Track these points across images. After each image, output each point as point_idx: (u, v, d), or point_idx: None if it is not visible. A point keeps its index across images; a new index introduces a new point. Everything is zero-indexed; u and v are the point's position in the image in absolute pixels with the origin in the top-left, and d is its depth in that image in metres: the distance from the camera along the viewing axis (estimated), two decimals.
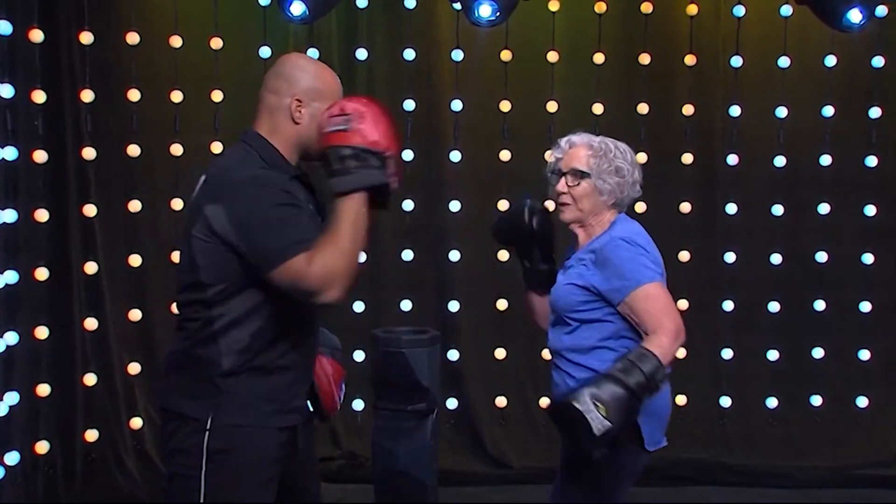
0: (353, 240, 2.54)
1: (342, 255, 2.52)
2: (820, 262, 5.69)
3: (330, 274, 2.51)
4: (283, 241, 2.51)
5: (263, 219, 2.54)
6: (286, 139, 2.73)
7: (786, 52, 5.52)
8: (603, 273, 3.04)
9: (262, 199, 2.55)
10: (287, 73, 2.74)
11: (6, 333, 4.65)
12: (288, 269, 2.50)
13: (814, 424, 5.75)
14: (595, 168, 3.14)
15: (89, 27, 5.09)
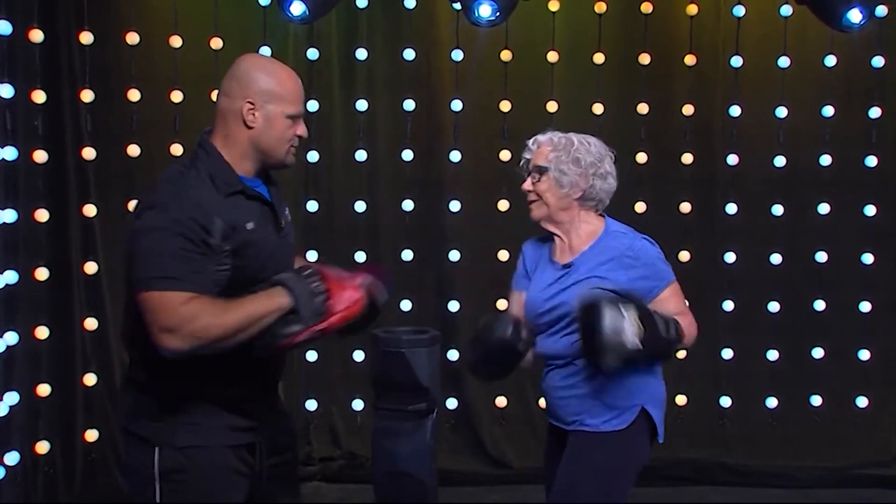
0: (242, 324, 2.45)
1: (221, 324, 2.42)
2: (820, 262, 5.69)
3: (193, 326, 2.40)
4: (159, 269, 2.41)
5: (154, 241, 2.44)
6: (240, 145, 2.62)
7: (786, 52, 5.52)
8: (633, 273, 3.11)
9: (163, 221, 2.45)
10: (240, 75, 2.62)
11: (6, 333, 4.65)
12: (156, 297, 2.41)
13: (814, 424, 5.75)
14: (554, 161, 3.19)
15: (89, 27, 5.09)
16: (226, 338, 2.44)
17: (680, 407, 5.68)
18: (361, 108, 5.57)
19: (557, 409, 3.25)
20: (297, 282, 2.52)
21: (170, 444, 2.58)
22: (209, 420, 2.62)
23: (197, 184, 2.55)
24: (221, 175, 2.59)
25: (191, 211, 2.47)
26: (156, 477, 2.58)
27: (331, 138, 5.70)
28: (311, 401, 5.68)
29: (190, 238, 2.44)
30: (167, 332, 2.40)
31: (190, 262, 2.44)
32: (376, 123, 5.69)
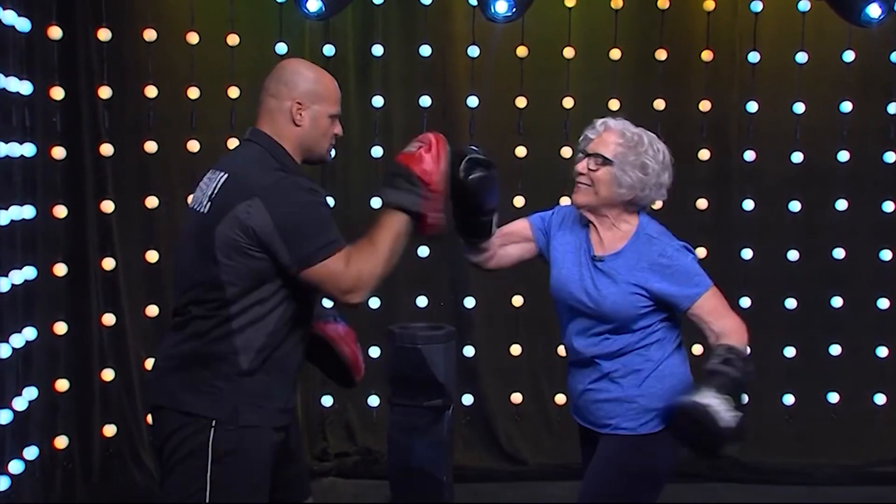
0: (390, 249, 2.68)
1: (378, 261, 2.65)
2: (837, 259, 5.66)
3: (363, 276, 2.63)
4: (324, 239, 2.61)
5: (307, 218, 2.63)
6: (287, 142, 2.81)
7: (803, 48, 5.50)
8: (669, 280, 3.05)
9: (304, 198, 2.64)
10: (287, 78, 2.82)
11: (24, 329, 4.67)
12: (324, 266, 2.61)
13: (830, 421, 5.73)
14: (620, 157, 3.06)
15: (107, 24, 5.10)
16: (388, 268, 2.69)
17: None
18: (377, 105, 5.58)
19: (588, 412, 3.19)
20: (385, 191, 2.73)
21: (226, 421, 2.64)
22: (269, 401, 2.70)
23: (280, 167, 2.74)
24: (289, 163, 2.78)
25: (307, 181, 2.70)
26: (209, 455, 2.62)
27: (347, 134, 5.58)
28: (326, 396, 5.70)
29: (323, 203, 2.70)
30: (348, 293, 2.63)
31: (332, 223, 2.67)
32: (392, 120, 5.70)
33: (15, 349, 4.51)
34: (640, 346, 3.10)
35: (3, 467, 4.40)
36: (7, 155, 4.50)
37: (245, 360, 2.66)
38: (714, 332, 3.08)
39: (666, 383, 3.08)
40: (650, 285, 3.04)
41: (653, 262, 3.06)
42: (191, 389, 2.67)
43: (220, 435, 2.63)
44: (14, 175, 4.62)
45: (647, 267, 3.05)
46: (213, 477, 2.62)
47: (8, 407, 4.44)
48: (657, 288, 3.04)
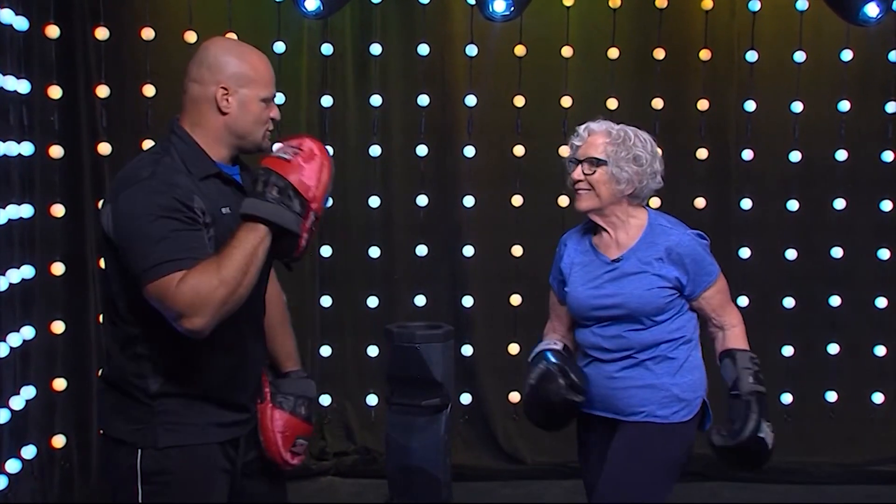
0: (239, 269, 2.33)
1: (220, 282, 2.31)
2: (835, 258, 5.67)
3: (198, 299, 2.29)
4: (155, 257, 2.32)
5: (139, 230, 2.35)
6: (212, 131, 2.56)
7: (801, 47, 5.50)
8: (683, 269, 3.13)
9: (142, 208, 2.37)
10: (210, 61, 2.55)
11: (22, 328, 4.67)
12: (156, 286, 2.32)
13: (828, 420, 5.73)
14: (612, 155, 3.13)
15: (105, 23, 5.10)
16: (234, 290, 2.33)
17: None
18: (375, 104, 5.58)
19: (615, 399, 3.20)
20: (258, 204, 2.38)
21: (151, 445, 2.51)
22: (193, 418, 2.54)
23: (172, 168, 2.48)
24: (195, 159, 2.54)
25: (171, 191, 2.40)
26: (138, 478, 2.51)
27: (345, 133, 5.71)
28: (324, 396, 5.70)
29: (175, 217, 2.37)
30: (182, 317, 2.31)
31: (174, 240, 2.35)
32: (390, 118, 5.70)
33: (13, 348, 4.51)
34: (671, 338, 3.17)
35: (1, 466, 4.40)
36: (5, 154, 4.50)
37: (154, 383, 2.51)
38: (717, 324, 3.25)
39: (696, 374, 3.22)
40: (667, 274, 3.12)
41: (669, 250, 3.13)
42: (115, 413, 2.56)
43: (145, 458, 2.51)
44: (12, 174, 4.62)
45: (663, 256, 3.13)
46: (145, 497, 2.51)
47: (6, 406, 4.44)
48: (674, 275, 3.12)
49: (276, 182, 2.39)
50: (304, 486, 5.47)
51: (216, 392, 2.59)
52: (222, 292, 2.31)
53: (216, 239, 2.46)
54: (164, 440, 2.52)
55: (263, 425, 2.73)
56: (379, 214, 5.67)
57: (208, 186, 2.52)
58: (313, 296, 5.66)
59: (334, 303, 5.67)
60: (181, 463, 2.53)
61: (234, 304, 2.36)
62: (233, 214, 2.49)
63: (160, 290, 2.32)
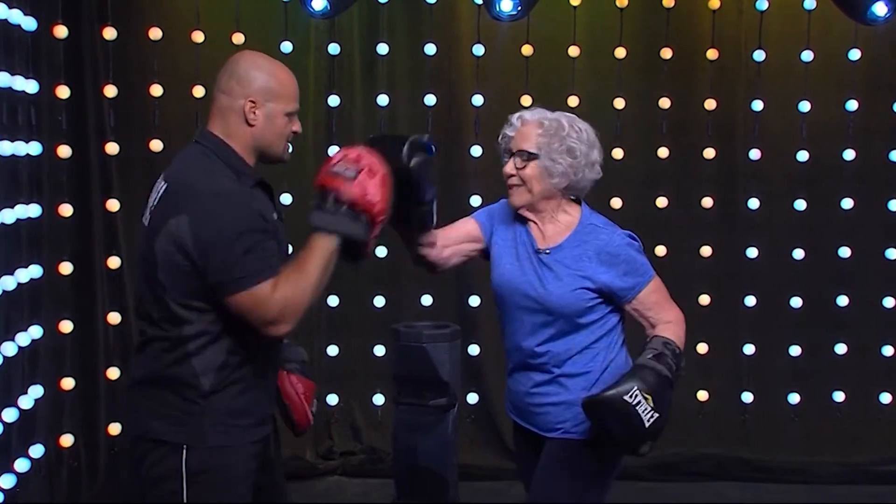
0: (319, 277, 2.53)
1: (305, 289, 2.50)
2: (842, 258, 5.65)
3: (289, 306, 2.48)
4: (247, 269, 2.45)
5: (229, 244, 2.45)
6: (242, 141, 2.66)
7: (809, 46, 5.48)
8: (614, 271, 2.98)
9: (230, 222, 2.47)
10: (240, 74, 2.64)
11: (30, 328, 4.69)
12: (248, 296, 2.46)
13: (835, 420, 5.72)
14: (545, 148, 2.97)
15: (112, 23, 5.11)
16: (315, 296, 2.54)
17: (701, 402, 5.67)
18: (382, 103, 5.58)
19: (533, 416, 3.13)
20: (327, 219, 2.53)
21: (199, 444, 2.57)
22: (239, 418, 2.61)
23: (228, 173, 2.60)
24: (240, 167, 2.64)
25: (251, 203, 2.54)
26: (183, 477, 2.56)
27: (352, 133, 5.70)
28: (331, 395, 5.70)
29: (255, 229, 2.50)
30: (272, 325, 2.48)
31: (262, 251, 2.49)
32: (397, 118, 5.69)
33: (21, 347, 4.53)
34: (587, 347, 3.04)
35: (10, 465, 4.41)
36: (13, 154, 4.51)
37: (206, 381, 2.57)
38: (652, 324, 3.03)
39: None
40: (595, 276, 2.98)
41: (599, 251, 2.98)
42: (157, 416, 2.59)
43: (192, 457, 2.56)
44: (20, 174, 4.64)
45: (593, 257, 2.98)
46: (189, 498, 2.56)
47: (14, 405, 4.46)
48: (602, 279, 2.98)
49: (343, 199, 2.53)
50: (311, 486, 5.48)
51: (256, 389, 2.67)
52: (307, 299, 2.52)
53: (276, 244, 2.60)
54: (214, 439, 2.58)
55: (286, 392, 2.89)
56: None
57: (256, 193, 2.64)
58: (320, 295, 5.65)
59: (341, 302, 5.67)
60: (225, 463, 2.60)
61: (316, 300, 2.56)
62: (278, 219, 2.69)
63: (253, 299, 2.46)
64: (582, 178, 3.02)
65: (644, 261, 3.04)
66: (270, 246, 2.53)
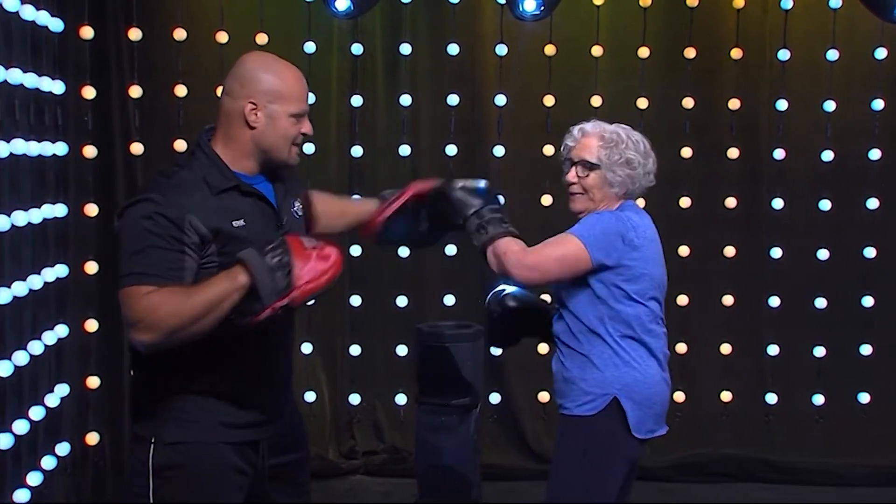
0: (202, 308, 2.42)
1: (178, 312, 2.41)
2: (868, 258, 5.61)
3: (153, 318, 2.40)
4: (129, 267, 2.45)
5: (125, 239, 2.49)
6: (240, 144, 2.62)
7: (834, 45, 5.44)
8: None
9: (136, 219, 2.48)
10: (244, 75, 2.62)
11: (57, 326, 4.72)
12: (123, 293, 2.45)
13: (860, 422, 5.68)
14: (605, 160, 3.16)
15: (137, 24, 5.15)
16: (189, 324, 2.42)
17: (724, 403, 5.65)
18: (405, 103, 5.59)
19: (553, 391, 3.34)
20: (256, 259, 2.45)
21: (160, 439, 2.58)
22: (204, 416, 2.60)
23: (185, 183, 2.56)
24: (214, 173, 2.60)
25: (165, 208, 2.48)
26: (150, 472, 2.58)
27: (374, 133, 5.72)
28: (354, 395, 5.72)
29: (158, 233, 2.46)
30: (133, 327, 2.42)
31: (157, 256, 2.45)
32: (420, 118, 5.71)
33: (47, 346, 4.56)
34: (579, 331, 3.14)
35: (36, 463, 4.45)
36: (40, 154, 4.55)
37: (172, 378, 2.58)
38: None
39: (607, 372, 3.10)
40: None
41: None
42: (135, 412, 2.67)
43: (158, 451, 2.58)
44: (46, 174, 4.67)
45: None
46: (155, 492, 2.58)
47: (41, 403, 4.49)
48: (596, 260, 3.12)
49: (283, 255, 2.46)
50: (334, 485, 5.50)
51: (229, 393, 2.63)
52: (175, 322, 2.41)
53: (220, 252, 2.54)
54: (172, 435, 2.59)
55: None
56: None
57: (223, 200, 2.58)
58: (343, 295, 5.67)
59: (364, 302, 5.69)
60: (189, 458, 2.59)
61: (186, 335, 2.44)
62: (247, 226, 2.59)
63: (124, 297, 2.45)
64: (638, 186, 3.23)
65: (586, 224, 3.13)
66: (166, 256, 2.46)
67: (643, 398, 3.13)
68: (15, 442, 4.12)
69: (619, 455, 3.17)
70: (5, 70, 4.08)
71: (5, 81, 4.11)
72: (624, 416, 3.10)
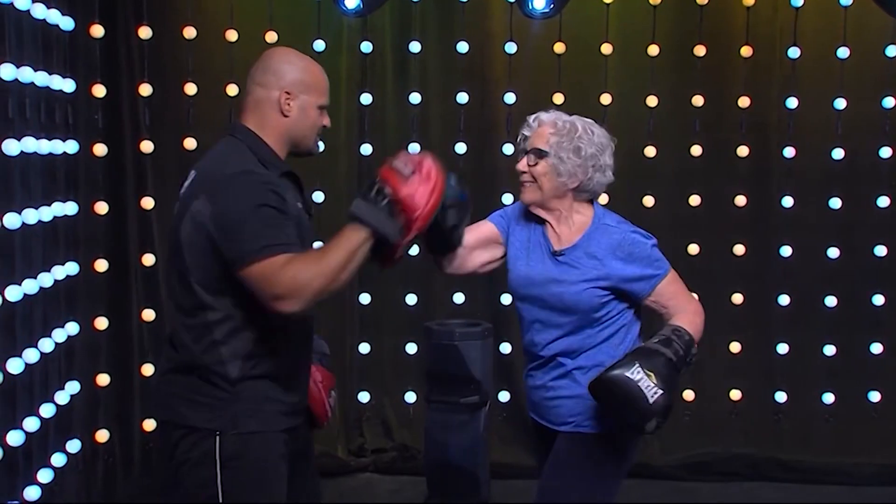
0: (340, 265, 2.48)
1: (320, 273, 2.45)
2: (878, 257, 5.60)
3: (299, 285, 2.43)
4: (261, 240, 2.46)
5: (245, 214, 2.48)
6: (275, 133, 2.72)
7: (845, 43, 5.43)
8: (631, 267, 3.04)
9: (249, 196, 2.50)
10: (275, 67, 2.73)
11: (67, 324, 4.74)
12: (259, 268, 2.45)
13: (871, 421, 5.66)
14: (554, 146, 3.06)
15: (147, 22, 5.16)
16: (331, 283, 2.47)
17: (734, 402, 5.64)
18: (415, 101, 5.59)
19: (547, 411, 3.19)
20: (368, 209, 2.52)
21: (232, 430, 2.60)
22: (265, 404, 2.64)
23: (255, 161, 2.65)
24: (269, 157, 2.69)
25: (264, 182, 2.55)
26: (217, 463, 2.59)
27: (384, 131, 5.73)
28: (363, 393, 5.73)
29: (272, 206, 2.51)
30: (279, 299, 2.44)
31: (278, 227, 2.50)
32: (429, 116, 5.71)
33: (58, 344, 4.58)
34: (602, 342, 3.09)
35: (47, 460, 4.47)
36: (50, 152, 4.56)
37: (234, 368, 2.60)
38: (670, 314, 3.09)
39: None
40: (611, 273, 3.04)
41: (613, 249, 3.05)
42: (188, 403, 2.64)
43: (225, 442, 2.60)
44: (57, 172, 4.69)
45: (607, 255, 3.05)
46: (224, 483, 2.60)
47: (51, 401, 4.51)
48: (618, 275, 3.04)
49: (389, 194, 2.54)
50: (343, 483, 5.51)
51: (285, 379, 2.70)
52: (320, 282, 2.45)
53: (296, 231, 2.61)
54: (244, 425, 2.61)
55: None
56: None
57: (284, 183, 2.69)
58: (352, 293, 5.68)
59: (373, 300, 5.69)
60: (254, 447, 2.63)
61: (328, 294, 2.49)
62: (301, 209, 2.73)
63: (264, 270, 2.44)
64: (591, 179, 3.10)
65: (659, 255, 3.10)
66: (288, 226, 2.54)
67: None
68: (26, 439, 4.14)
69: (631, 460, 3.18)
70: (16, 68, 4.09)
71: (16, 80, 4.12)
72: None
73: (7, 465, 4.00)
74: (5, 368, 3.98)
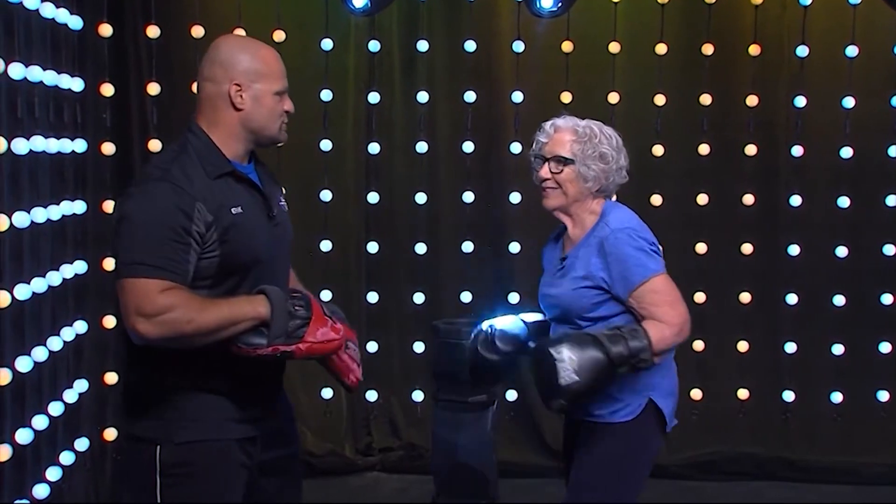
0: (215, 324, 2.43)
1: (195, 319, 2.40)
2: (887, 256, 5.57)
3: (169, 317, 2.38)
4: (141, 256, 2.40)
5: (136, 226, 2.43)
6: (228, 128, 2.62)
7: (853, 41, 5.41)
8: (609, 267, 3.05)
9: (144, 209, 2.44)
10: (222, 59, 2.62)
11: (76, 322, 4.74)
12: (134, 284, 2.39)
13: (879, 420, 5.64)
14: (579, 154, 3.12)
15: (156, 21, 5.15)
16: (197, 335, 2.43)
17: (742, 401, 5.63)
18: (422, 100, 5.59)
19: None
20: (280, 298, 2.50)
21: (170, 440, 2.55)
22: (210, 413, 2.59)
23: (185, 168, 2.54)
24: (210, 157, 2.59)
25: (175, 198, 2.46)
26: (156, 472, 2.54)
27: (392, 130, 5.73)
28: (371, 392, 5.73)
29: (171, 226, 2.43)
30: (142, 317, 2.38)
31: (171, 251, 2.42)
32: (437, 115, 5.71)
33: (66, 342, 4.58)
34: None
35: (55, 459, 4.47)
36: (59, 151, 4.57)
37: (171, 378, 2.56)
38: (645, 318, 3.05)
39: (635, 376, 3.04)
40: (594, 272, 3.07)
41: (599, 246, 3.08)
42: (133, 413, 2.62)
43: (165, 451, 2.55)
44: (65, 171, 4.69)
45: (592, 254, 3.09)
46: (163, 491, 2.55)
47: (59, 399, 4.51)
48: (598, 274, 3.07)
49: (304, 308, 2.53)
50: (350, 482, 5.52)
51: (232, 389, 2.62)
52: (187, 329, 2.40)
53: (222, 238, 2.52)
54: (182, 435, 2.56)
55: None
56: (425, 211, 5.69)
57: (220, 185, 2.57)
58: (360, 292, 5.68)
59: (380, 299, 5.70)
60: (199, 456, 2.57)
61: (188, 344, 2.45)
62: (244, 213, 2.58)
63: (137, 288, 2.39)
64: (611, 182, 3.18)
65: (645, 258, 3.05)
66: (176, 249, 2.44)
67: (671, 388, 3.18)
68: (34, 438, 4.14)
69: (652, 455, 3.20)
70: (25, 68, 4.09)
71: (25, 79, 4.13)
72: (659, 414, 3.12)
73: (16, 463, 4.00)
74: (14, 367, 3.98)
